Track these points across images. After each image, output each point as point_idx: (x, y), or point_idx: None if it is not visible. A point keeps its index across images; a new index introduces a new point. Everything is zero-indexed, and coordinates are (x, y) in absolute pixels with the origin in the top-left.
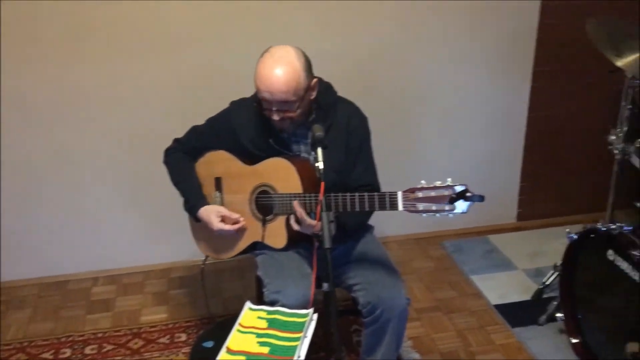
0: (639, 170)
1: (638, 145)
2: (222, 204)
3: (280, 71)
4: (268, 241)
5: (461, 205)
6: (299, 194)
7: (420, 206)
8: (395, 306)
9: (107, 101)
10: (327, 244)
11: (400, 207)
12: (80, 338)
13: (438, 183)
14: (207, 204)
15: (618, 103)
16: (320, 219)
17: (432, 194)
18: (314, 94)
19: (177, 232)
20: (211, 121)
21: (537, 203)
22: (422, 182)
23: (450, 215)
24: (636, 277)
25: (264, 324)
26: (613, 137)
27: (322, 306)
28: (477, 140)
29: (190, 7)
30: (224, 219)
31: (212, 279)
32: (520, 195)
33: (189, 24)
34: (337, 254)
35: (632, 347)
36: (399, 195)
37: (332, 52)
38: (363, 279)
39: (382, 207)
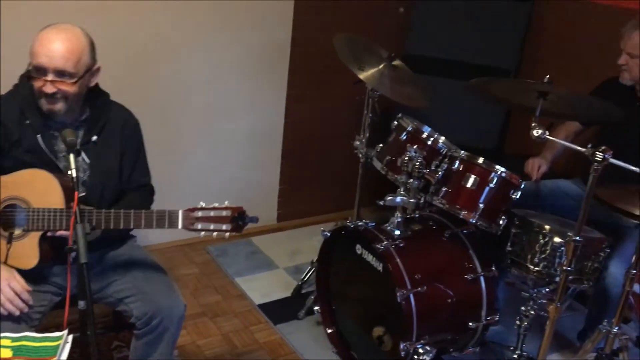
0: (379, 172)
1: (378, 150)
2: None
3: (63, 38)
4: (14, 262)
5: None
6: (61, 209)
7: (199, 225)
8: (174, 313)
9: None
10: (83, 258)
11: (180, 225)
12: None
13: (216, 204)
14: None
15: (362, 111)
16: (74, 231)
17: (212, 214)
18: (93, 82)
19: None
20: None
21: (295, 204)
22: (202, 203)
23: (227, 234)
24: (380, 268)
25: (8, 353)
26: (358, 143)
27: (78, 325)
28: (238, 146)
29: None
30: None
31: None
32: (280, 198)
33: None
34: (98, 270)
35: (377, 331)
36: (180, 213)
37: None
38: (136, 290)
39: (161, 225)
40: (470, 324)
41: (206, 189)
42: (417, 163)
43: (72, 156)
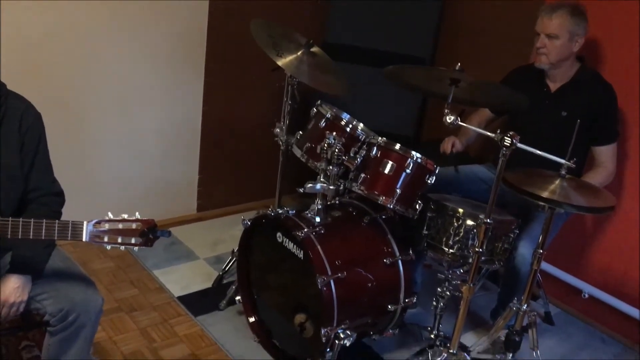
0: (300, 159)
1: (298, 137)
2: None
3: None
4: None
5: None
6: None
7: (106, 237)
8: (92, 308)
9: None
10: None
11: (85, 237)
12: None
13: (125, 216)
14: None
15: (282, 99)
16: None
17: (120, 226)
18: None
19: None
20: None
21: (215, 194)
22: (109, 214)
23: (136, 248)
24: (300, 255)
25: None
26: (278, 130)
27: None
28: (154, 136)
29: None
30: None
31: None
32: (199, 187)
33: None
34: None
35: (299, 318)
36: (84, 226)
37: None
38: (49, 287)
39: (63, 237)
40: (389, 306)
41: (122, 183)
42: (336, 150)
43: None
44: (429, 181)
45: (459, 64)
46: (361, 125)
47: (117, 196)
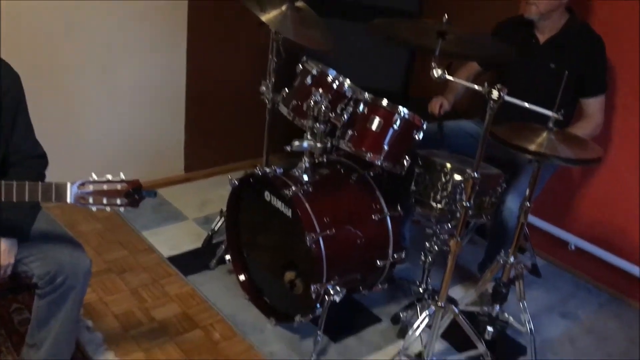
0: (286, 117)
1: (284, 95)
2: None
3: None
4: None
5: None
6: None
7: (91, 199)
8: (80, 270)
9: None
10: None
11: (69, 199)
12: None
13: (109, 177)
14: None
15: (267, 56)
16: None
17: (104, 187)
18: None
19: None
20: None
21: (202, 154)
22: (93, 175)
23: (122, 209)
24: (289, 214)
25: None
26: (264, 88)
27: None
28: (138, 95)
29: None
30: None
31: None
32: (186, 148)
33: None
34: None
35: (289, 275)
36: (68, 187)
37: None
38: (36, 250)
39: (47, 199)
40: (378, 262)
41: (106, 143)
42: (323, 107)
43: None
44: (416, 137)
45: (446, 15)
46: (348, 81)
47: (102, 157)
